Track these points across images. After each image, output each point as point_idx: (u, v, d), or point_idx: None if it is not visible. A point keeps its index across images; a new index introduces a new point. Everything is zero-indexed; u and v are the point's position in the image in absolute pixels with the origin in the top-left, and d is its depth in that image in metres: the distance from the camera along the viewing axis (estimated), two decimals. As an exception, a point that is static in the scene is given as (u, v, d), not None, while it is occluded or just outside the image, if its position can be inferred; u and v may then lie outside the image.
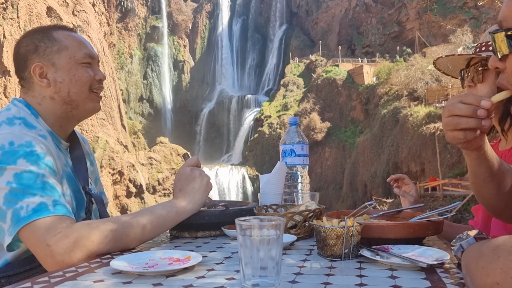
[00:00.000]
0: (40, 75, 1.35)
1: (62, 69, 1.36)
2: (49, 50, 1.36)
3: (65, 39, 1.38)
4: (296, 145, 1.55)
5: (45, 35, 1.37)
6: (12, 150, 1.15)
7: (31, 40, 1.37)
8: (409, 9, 59.22)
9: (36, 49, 1.36)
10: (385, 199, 30.46)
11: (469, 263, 0.71)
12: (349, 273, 0.89)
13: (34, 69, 1.34)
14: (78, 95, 1.38)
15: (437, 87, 37.14)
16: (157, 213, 1.22)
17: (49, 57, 1.35)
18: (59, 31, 1.40)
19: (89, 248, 1.09)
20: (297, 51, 73.48)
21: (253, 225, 0.75)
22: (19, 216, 1.09)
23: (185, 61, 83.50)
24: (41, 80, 1.35)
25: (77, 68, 1.37)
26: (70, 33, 1.42)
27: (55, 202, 1.13)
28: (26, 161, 1.14)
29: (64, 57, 1.36)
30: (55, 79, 1.35)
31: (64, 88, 1.36)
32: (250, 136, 64.07)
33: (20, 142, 1.17)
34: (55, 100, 1.36)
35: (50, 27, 1.42)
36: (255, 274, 0.75)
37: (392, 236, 1.09)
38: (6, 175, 1.12)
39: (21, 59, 1.38)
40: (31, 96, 1.37)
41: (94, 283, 0.84)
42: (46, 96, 1.36)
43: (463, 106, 0.88)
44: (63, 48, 1.37)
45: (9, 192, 1.11)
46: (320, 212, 1.33)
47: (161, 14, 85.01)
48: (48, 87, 1.35)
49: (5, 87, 43.97)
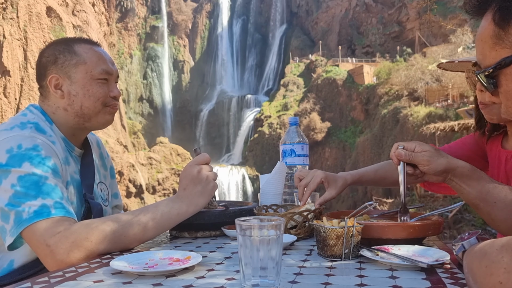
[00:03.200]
0: (55, 86, 1.38)
1: (77, 83, 1.38)
2: (67, 63, 1.38)
3: (85, 53, 1.40)
4: (296, 145, 1.55)
5: (66, 48, 1.40)
6: (19, 154, 1.18)
7: (53, 51, 1.40)
8: (409, 9, 59.23)
9: (55, 60, 1.39)
10: (385, 199, 30.45)
11: (472, 262, 0.71)
12: (349, 273, 0.89)
13: (50, 80, 1.38)
14: (90, 110, 1.40)
15: (437, 87, 37.15)
16: (158, 213, 1.22)
17: (66, 70, 1.38)
18: (81, 44, 1.42)
19: (88, 248, 1.10)
20: (297, 51, 73.49)
21: (253, 225, 0.75)
22: (21, 218, 1.11)
23: (185, 61, 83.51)
24: (56, 91, 1.38)
25: (92, 83, 1.39)
26: (92, 47, 1.43)
27: (56, 204, 1.14)
28: (31, 164, 1.17)
29: (81, 71, 1.38)
30: (69, 92, 1.38)
31: (77, 101, 1.38)
32: (250, 136, 64.09)
33: (27, 146, 1.20)
34: (68, 111, 1.39)
35: (73, 40, 1.44)
36: (255, 274, 0.75)
37: (392, 236, 1.09)
38: (11, 177, 1.15)
39: (41, 68, 1.42)
40: (46, 104, 1.41)
41: (94, 283, 0.84)
42: (60, 107, 1.39)
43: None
44: (81, 62, 1.39)
45: (13, 194, 1.13)
46: (320, 212, 1.33)
47: (161, 14, 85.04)
48: (62, 99, 1.39)
49: (5, 87, 43.97)
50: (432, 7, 48.52)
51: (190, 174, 1.28)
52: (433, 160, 1.13)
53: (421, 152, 1.15)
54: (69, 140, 1.41)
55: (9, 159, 1.17)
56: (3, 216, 1.13)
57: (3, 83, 43.88)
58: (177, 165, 55.79)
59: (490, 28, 0.85)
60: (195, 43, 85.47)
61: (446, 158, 1.14)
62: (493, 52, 0.85)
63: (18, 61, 45.16)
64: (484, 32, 0.87)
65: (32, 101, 44.42)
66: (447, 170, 1.13)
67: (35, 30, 47.30)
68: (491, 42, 0.85)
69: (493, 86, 0.88)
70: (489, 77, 0.87)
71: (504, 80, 0.86)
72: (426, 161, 1.13)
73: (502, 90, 0.88)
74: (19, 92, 44.86)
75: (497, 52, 0.84)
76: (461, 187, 1.14)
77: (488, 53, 0.86)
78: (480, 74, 0.89)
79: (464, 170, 1.13)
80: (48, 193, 1.15)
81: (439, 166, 1.12)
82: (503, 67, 0.84)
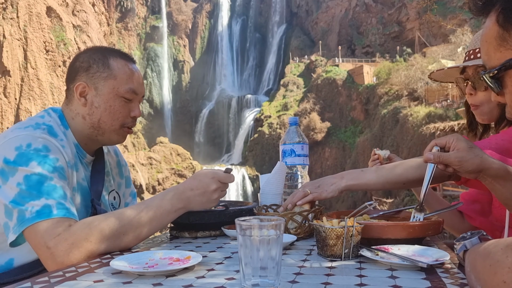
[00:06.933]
0: (81, 93, 1.38)
1: (102, 96, 1.38)
2: (98, 74, 1.38)
3: (117, 69, 1.40)
4: (296, 145, 1.55)
5: (101, 58, 1.40)
6: (28, 152, 1.19)
7: (88, 58, 1.40)
8: (409, 9, 59.23)
9: (88, 68, 1.39)
10: (385, 199, 30.48)
11: (475, 261, 0.71)
12: (349, 273, 0.89)
13: (77, 86, 1.38)
14: (107, 125, 1.40)
15: (437, 87, 37.13)
16: (160, 212, 1.22)
17: (95, 80, 1.38)
18: (117, 58, 1.41)
19: (88, 249, 1.10)
20: (297, 51, 73.47)
21: (253, 225, 0.75)
22: (23, 217, 1.12)
23: (185, 61, 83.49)
24: (80, 98, 1.39)
25: (116, 100, 1.39)
26: (127, 64, 1.42)
27: (58, 204, 1.15)
28: (38, 164, 1.18)
29: (108, 85, 1.38)
30: (92, 102, 1.38)
31: (97, 113, 1.39)
32: (250, 136, 64.07)
33: (36, 146, 1.22)
34: (86, 120, 1.39)
35: (111, 52, 1.43)
36: (255, 274, 0.75)
37: (392, 236, 1.09)
38: (17, 176, 1.16)
39: (73, 71, 1.42)
40: (68, 108, 1.41)
41: (94, 283, 0.84)
42: (79, 113, 1.40)
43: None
44: (111, 76, 1.38)
45: (18, 193, 1.14)
46: (320, 212, 1.33)
47: (161, 14, 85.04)
48: (84, 107, 1.39)
49: (5, 87, 43.96)
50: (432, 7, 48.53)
51: (207, 185, 1.25)
52: (465, 160, 1.09)
53: (453, 151, 1.12)
54: (81, 147, 1.42)
55: (17, 156, 1.18)
56: (7, 212, 1.15)
57: (3, 83, 43.87)
58: (177, 165, 55.78)
59: (494, 29, 0.84)
60: (195, 43, 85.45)
61: (480, 157, 1.10)
62: (497, 54, 0.85)
63: (18, 61, 45.16)
64: (488, 33, 0.87)
65: (32, 101, 44.45)
66: (480, 169, 1.10)
67: (35, 30, 47.29)
68: (496, 43, 0.85)
69: (498, 86, 0.88)
70: (494, 78, 0.87)
71: (509, 81, 0.85)
72: (458, 161, 1.10)
73: (507, 91, 0.87)
74: (19, 92, 44.86)
75: (502, 53, 0.84)
76: (494, 186, 1.12)
77: (493, 54, 0.86)
78: (485, 74, 0.89)
79: (498, 171, 1.10)
80: (51, 194, 1.15)
81: (471, 166, 1.09)
82: (508, 69, 0.84)
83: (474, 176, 1.13)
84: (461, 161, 1.10)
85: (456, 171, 1.14)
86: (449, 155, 1.12)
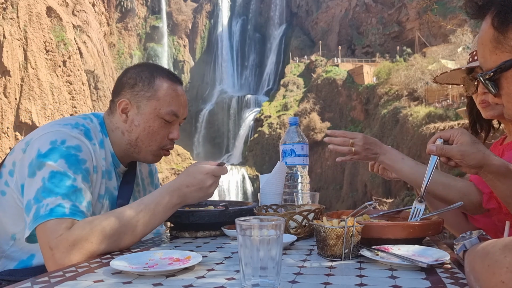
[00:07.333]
0: (123, 110, 1.39)
1: (143, 116, 1.39)
2: (142, 93, 1.39)
3: (162, 90, 1.39)
4: (296, 145, 1.55)
5: (148, 77, 1.40)
6: (60, 149, 1.21)
7: (135, 75, 1.41)
8: (409, 9, 59.23)
9: (133, 86, 1.40)
10: (385, 199, 30.49)
11: (474, 261, 0.72)
12: (349, 273, 0.89)
13: (120, 102, 1.39)
14: (144, 145, 1.41)
15: (437, 87, 37.10)
16: (158, 210, 1.22)
17: (138, 99, 1.39)
18: (164, 79, 1.41)
19: (89, 250, 1.11)
20: (297, 51, 73.45)
21: (253, 225, 0.75)
22: (38, 214, 1.13)
23: (185, 61, 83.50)
24: (121, 114, 1.40)
25: (156, 121, 1.39)
26: (172, 85, 1.42)
27: (73, 206, 1.16)
28: (65, 162, 1.20)
29: (151, 106, 1.38)
30: (132, 120, 1.39)
31: (136, 132, 1.39)
32: (250, 136, 64.05)
33: (70, 144, 1.23)
34: (124, 136, 1.40)
35: (159, 71, 1.43)
36: (255, 274, 0.75)
37: (392, 236, 1.09)
38: (44, 171, 1.18)
39: (119, 85, 1.43)
40: (109, 120, 1.43)
41: (94, 283, 0.84)
42: (119, 128, 1.41)
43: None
44: (154, 97, 1.38)
45: (40, 188, 1.16)
46: (320, 212, 1.33)
47: (161, 14, 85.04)
48: (124, 123, 1.40)
49: (5, 87, 43.95)
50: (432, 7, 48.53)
51: (202, 182, 1.26)
52: (467, 154, 1.10)
53: (456, 145, 1.13)
54: (117, 157, 1.43)
55: (49, 150, 1.20)
56: (27, 208, 1.17)
57: (3, 83, 43.86)
58: (177, 165, 55.77)
59: (490, 32, 0.85)
60: (195, 43, 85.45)
61: (482, 152, 1.11)
62: (493, 56, 0.86)
63: (18, 61, 45.16)
64: (484, 36, 0.88)
65: (32, 101, 44.44)
66: (481, 164, 1.11)
67: (35, 30, 47.29)
68: (491, 46, 0.86)
69: (495, 88, 0.89)
70: (491, 80, 0.88)
71: (505, 83, 0.86)
72: (460, 155, 1.11)
73: (504, 93, 0.88)
74: (19, 92, 44.84)
75: (497, 56, 0.85)
76: (495, 183, 1.13)
77: (489, 57, 0.87)
78: (481, 76, 0.90)
79: (500, 168, 1.11)
80: (70, 194, 1.17)
81: (473, 161, 1.11)
82: (504, 71, 0.85)
83: (475, 171, 1.13)
84: (463, 155, 1.11)
85: (458, 165, 1.14)
86: (451, 148, 1.13)
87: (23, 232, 1.20)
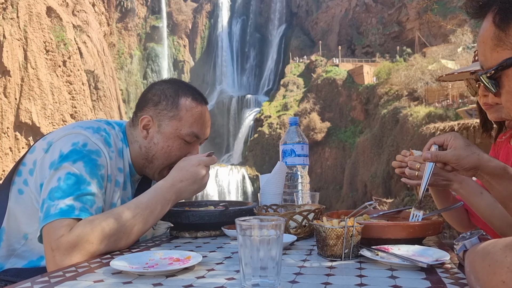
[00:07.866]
0: (144, 126, 1.39)
1: (163, 134, 1.38)
2: (164, 112, 1.38)
3: (185, 111, 1.39)
4: (296, 145, 1.55)
5: (172, 95, 1.39)
6: (80, 151, 1.22)
7: (160, 92, 1.40)
8: (409, 9, 59.23)
9: (157, 103, 1.39)
10: (385, 199, 30.46)
11: (474, 261, 0.72)
12: (349, 273, 0.89)
13: (143, 118, 1.39)
14: (159, 162, 1.40)
15: (437, 87, 37.13)
16: (154, 208, 1.23)
17: (160, 117, 1.38)
18: (189, 99, 1.40)
19: (89, 250, 1.11)
20: (297, 51, 73.43)
21: (253, 225, 0.75)
22: (48, 213, 1.14)
23: (185, 61, 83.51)
24: (142, 130, 1.39)
25: (175, 141, 1.38)
26: (196, 106, 1.41)
27: (83, 208, 1.16)
28: (84, 165, 1.20)
29: (172, 125, 1.38)
30: (152, 137, 1.39)
31: (153, 149, 1.39)
32: (250, 136, 64.03)
33: (91, 148, 1.24)
34: (142, 151, 1.40)
35: (185, 89, 1.42)
36: (255, 274, 0.75)
37: (392, 236, 1.10)
38: (61, 171, 1.18)
39: (144, 101, 1.43)
40: (130, 132, 1.43)
41: (94, 283, 0.84)
42: (138, 142, 1.41)
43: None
44: (176, 117, 1.38)
45: (55, 188, 1.16)
46: (320, 212, 1.33)
47: (161, 14, 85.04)
48: (144, 139, 1.40)
49: (5, 87, 43.95)
50: (432, 7, 48.54)
51: (196, 174, 1.28)
52: (462, 158, 1.11)
53: (450, 150, 1.14)
54: (133, 167, 1.43)
55: (70, 152, 1.21)
56: (41, 207, 1.17)
57: (3, 83, 43.85)
58: (177, 165, 55.72)
59: (491, 30, 0.85)
60: (195, 43, 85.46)
61: (477, 155, 1.11)
62: (494, 54, 0.85)
63: (18, 61, 45.15)
64: (485, 34, 0.87)
65: (32, 101, 44.43)
66: (476, 167, 1.11)
67: (35, 30, 47.28)
68: (492, 43, 0.85)
69: (495, 87, 0.89)
70: (491, 78, 0.88)
71: (506, 81, 0.86)
72: (455, 159, 1.12)
73: (504, 91, 0.88)
74: (19, 92, 44.84)
75: (498, 53, 0.85)
76: (491, 185, 1.13)
77: (490, 55, 0.87)
78: (482, 75, 0.89)
79: (495, 170, 1.11)
80: (81, 197, 1.17)
81: (468, 164, 1.11)
82: (505, 68, 0.84)
83: (472, 173, 1.14)
84: (458, 158, 1.11)
85: (454, 169, 1.15)
86: (446, 154, 1.13)
87: (35, 233, 1.21)
